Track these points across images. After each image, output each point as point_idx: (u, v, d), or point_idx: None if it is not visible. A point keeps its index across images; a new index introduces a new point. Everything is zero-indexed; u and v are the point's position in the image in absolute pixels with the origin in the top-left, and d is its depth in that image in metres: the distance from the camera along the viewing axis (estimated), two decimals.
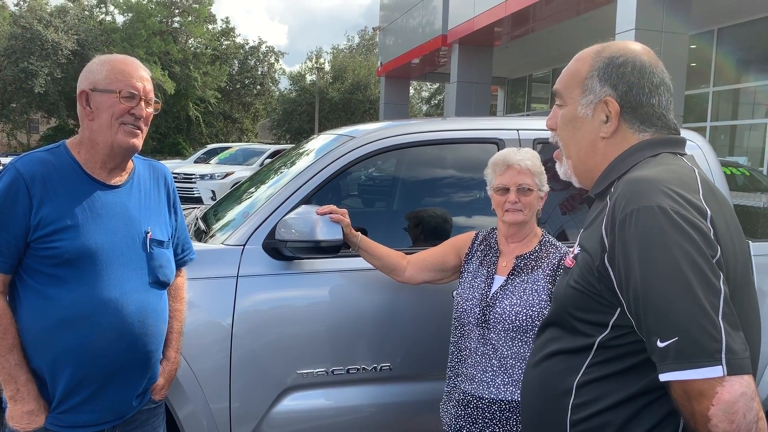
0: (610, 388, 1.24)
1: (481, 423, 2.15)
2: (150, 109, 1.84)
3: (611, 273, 1.20)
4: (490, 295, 2.19)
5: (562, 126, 1.43)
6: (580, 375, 1.28)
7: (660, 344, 1.10)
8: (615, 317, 1.22)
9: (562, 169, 1.47)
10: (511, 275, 2.20)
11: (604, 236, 1.22)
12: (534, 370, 1.42)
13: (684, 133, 3.05)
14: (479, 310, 2.17)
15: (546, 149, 2.88)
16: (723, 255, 1.15)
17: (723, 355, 1.06)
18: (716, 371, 1.05)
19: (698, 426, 1.09)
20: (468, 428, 2.17)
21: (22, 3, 32.78)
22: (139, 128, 1.81)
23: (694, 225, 1.13)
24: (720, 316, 1.08)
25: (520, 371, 2.11)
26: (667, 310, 1.10)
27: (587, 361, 1.27)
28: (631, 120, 1.34)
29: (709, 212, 1.17)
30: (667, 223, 1.13)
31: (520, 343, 2.13)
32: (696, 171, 1.27)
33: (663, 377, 1.11)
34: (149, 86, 1.83)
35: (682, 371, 1.08)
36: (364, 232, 2.44)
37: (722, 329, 1.07)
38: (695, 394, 1.07)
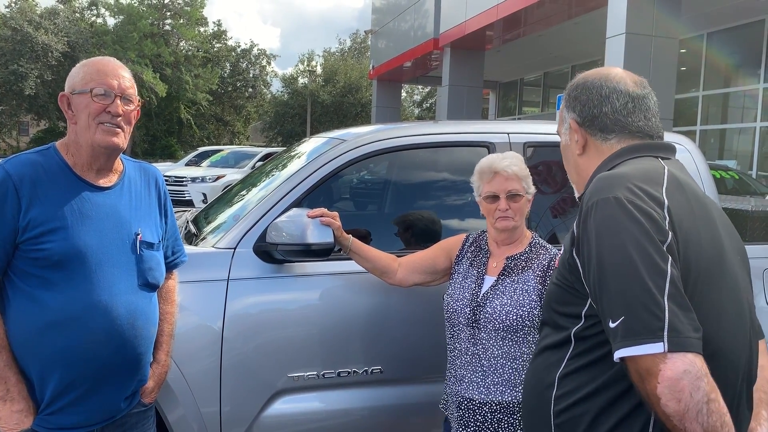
0: (586, 379, 1.30)
1: (474, 426, 2.15)
2: (130, 107, 1.81)
3: (578, 263, 1.28)
4: (481, 295, 2.19)
5: (563, 158, 1.59)
6: (561, 368, 1.35)
7: (611, 325, 1.17)
8: (586, 307, 1.29)
9: (576, 194, 1.60)
10: (502, 275, 2.21)
11: (574, 230, 1.30)
12: (530, 369, 1.50)
13: (673, 137, 3.08)
14: (470, 310, 2.18)
15: (536, 153, 2.90)
16: (679, 242, 1.20)
17: (665, 333, 1.11)
18: (657, 347, 1.10)
19: (654, 408, 1.13)
20: (465, 430, 2.17)
21: (12, 5, 32.56)
22: (119, 126, 1.78)
23: (645, 212, 1.20)
24: (666, 297, 1.13)
25: (510, 371, 2.12)
26: (616, 291, 1.17)
27: (567, 354, 1.34)
28: (593, 132, 1.46)
29: (666, 202, 1.23)
30: (619, 211, 1.21)
31: (510, 344, 2.13)
32: (666, 169, 1.33)
33: (615, 356, 1.17)
34: (127, 84, 1.81)
35: (628, 348, 1.13)
36: (368, 236, 2.42)
37: (666, 308, 1.12)
38: (645, 373, 1.12)
